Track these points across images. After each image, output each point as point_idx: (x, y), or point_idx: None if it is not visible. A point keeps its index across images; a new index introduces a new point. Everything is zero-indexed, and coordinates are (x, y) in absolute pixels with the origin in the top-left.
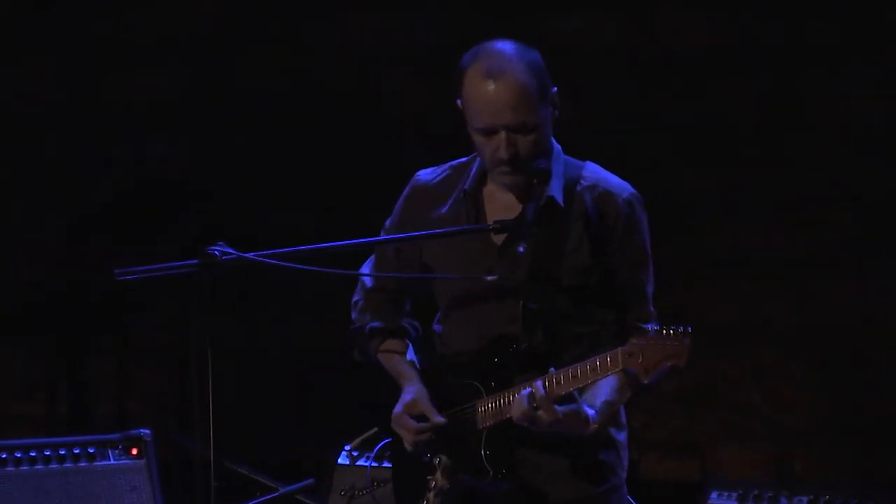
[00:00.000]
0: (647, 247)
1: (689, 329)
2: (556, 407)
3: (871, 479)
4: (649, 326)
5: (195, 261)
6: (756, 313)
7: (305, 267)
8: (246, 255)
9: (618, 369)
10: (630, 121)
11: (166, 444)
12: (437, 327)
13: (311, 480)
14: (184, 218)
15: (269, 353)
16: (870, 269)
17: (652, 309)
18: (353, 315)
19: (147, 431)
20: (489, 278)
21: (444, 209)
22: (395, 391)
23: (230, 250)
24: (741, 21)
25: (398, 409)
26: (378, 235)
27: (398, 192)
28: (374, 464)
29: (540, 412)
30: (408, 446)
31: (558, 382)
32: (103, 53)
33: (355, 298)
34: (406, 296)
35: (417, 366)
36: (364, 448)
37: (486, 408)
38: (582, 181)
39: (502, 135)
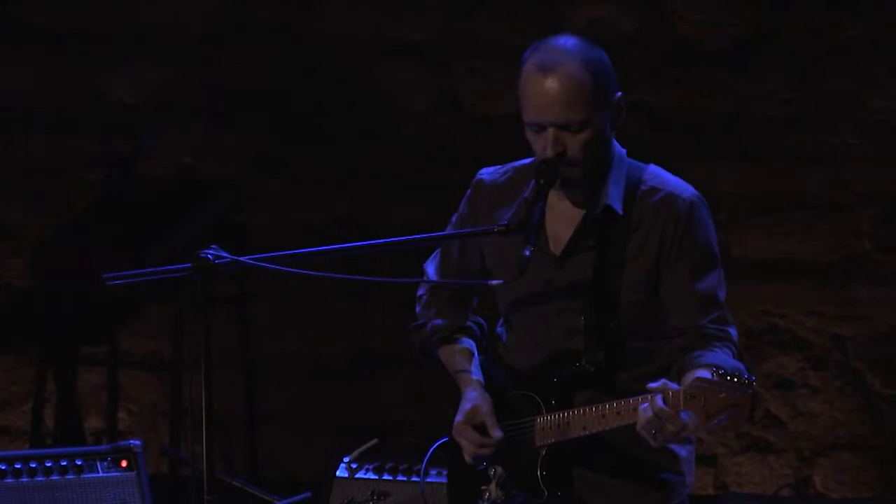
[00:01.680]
0: (714, 250)
1: (753, 380)
2: (682, 415)
3: (894, 494)
4: (711, 374)
5: (187, 265)
6: (775, 320)
7: (300, 271)
8: (240, 258)
9: (678, 409)
10: (644, 116)
11: (157, 455)
12: (500, 332)
13: (308, 493)
14: (182, 219)
15: (264, 359)
16: None
17: (728, 315)
18: (417, 309)
19: (137, 443)
20: (493, 283)
21: (509, 215)
22: (455, 397)
23: (224, 254)
24: (760, 13)
25: (459, 417)
26: (374, 236)
27: (398, 192)
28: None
29: (668, 424)
30: (467, 458)
31: (674, 400)
32: (96, 49)
33: (420, 292)
34: (471, 294)
35: (480, 370)
36: (363, 460)
37: (545, 426)
38: (642, 186)
39: (550, 132)
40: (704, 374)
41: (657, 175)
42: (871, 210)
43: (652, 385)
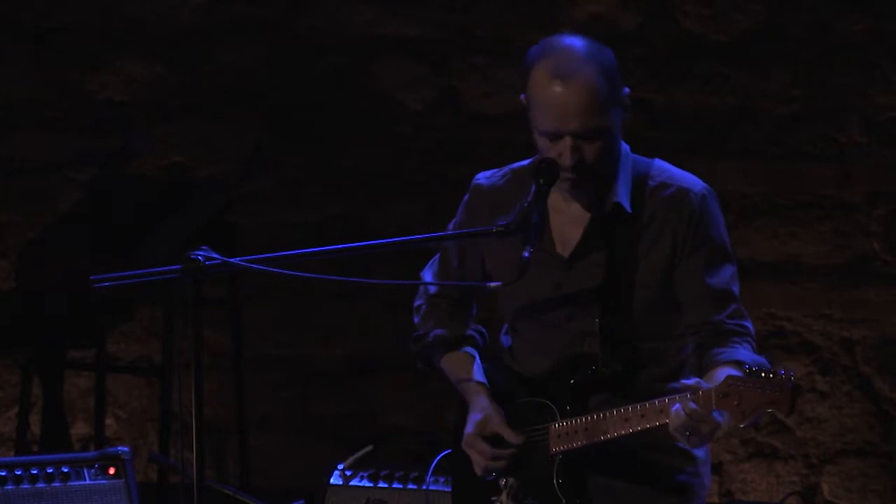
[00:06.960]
0: (726, 243)
1: (792, 374)
2: (715, 414)
3: None
4: (747, 366)
5: (177, 266)
6: (782, 323)
7: (291, 272)
8: (231, 260)
9: (710, 409)
10: (646, 113)
11: (146, 463)
12: (504, 339)
13: (301, 501)
14: (172, 219)
15: (257, 362)
16: None
17: (744, 310)
18: (416, 320)
19: (125, 449)
20: (492, 285)
21: (510, 218)
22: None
23: (214, 255)
24: (765, 7)
25: (469, 429)
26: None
27: (395, 191)
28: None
29: (701, 425)
30: (478, 470)
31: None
32: (85, 46)
33: (417, 303)
34: (471, 302)
35: (485, 379)
36: (358, 467)
37: (561, 432)
38: (650, 182)
39: (567, 140)
40: (734, 371)
41: (665, 170)
42: (880, 210)
43: (686, 382)
